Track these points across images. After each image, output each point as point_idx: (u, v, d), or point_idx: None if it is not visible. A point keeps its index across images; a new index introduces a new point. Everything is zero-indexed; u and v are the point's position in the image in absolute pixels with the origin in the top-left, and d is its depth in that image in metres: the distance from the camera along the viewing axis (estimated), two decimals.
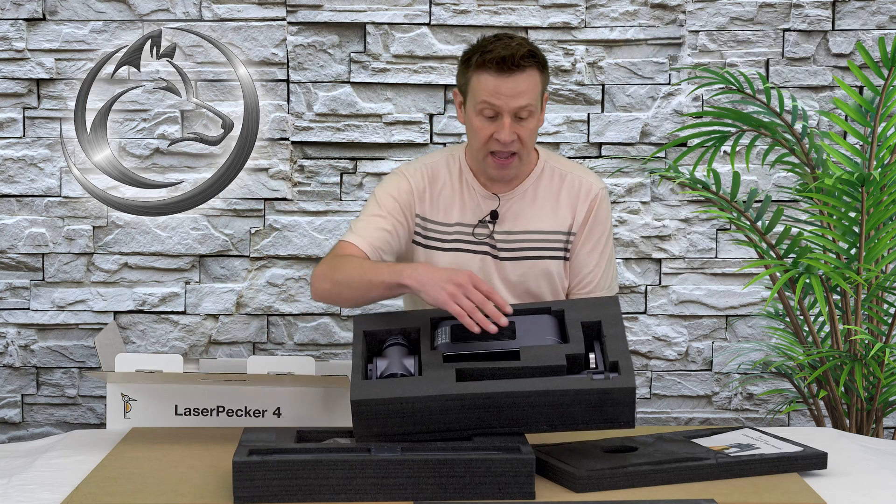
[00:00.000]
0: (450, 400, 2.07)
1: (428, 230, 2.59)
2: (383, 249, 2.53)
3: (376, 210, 2.56)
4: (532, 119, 2.46)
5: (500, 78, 2.41)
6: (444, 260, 2.56)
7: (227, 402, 2.47)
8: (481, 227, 2.57)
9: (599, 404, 2.08)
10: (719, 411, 3.61)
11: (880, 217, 2.88)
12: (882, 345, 2.85)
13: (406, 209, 2.57)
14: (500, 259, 2.57)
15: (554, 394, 2.08)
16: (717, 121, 3.20)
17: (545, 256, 2.57)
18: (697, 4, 3.47)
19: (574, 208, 2.59)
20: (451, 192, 2.59)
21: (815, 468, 2.15)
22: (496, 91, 2.42)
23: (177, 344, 3.54)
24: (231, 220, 3.51)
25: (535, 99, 2.45)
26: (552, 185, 2.60)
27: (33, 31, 3.43)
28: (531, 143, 2.50)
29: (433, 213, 2.59)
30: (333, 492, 1.95)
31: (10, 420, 3.56)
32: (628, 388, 2.08)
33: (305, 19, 3.44)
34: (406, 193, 2.57)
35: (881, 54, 2.92)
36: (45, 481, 2.10)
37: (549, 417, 2.09)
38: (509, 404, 2.08)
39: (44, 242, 3.49)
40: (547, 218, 2.58)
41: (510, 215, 2.57)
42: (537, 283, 2.58)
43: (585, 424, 2.10)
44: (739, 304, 3.57)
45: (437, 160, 2.63)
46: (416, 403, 2.07)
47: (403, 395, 2.08)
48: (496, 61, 2.41)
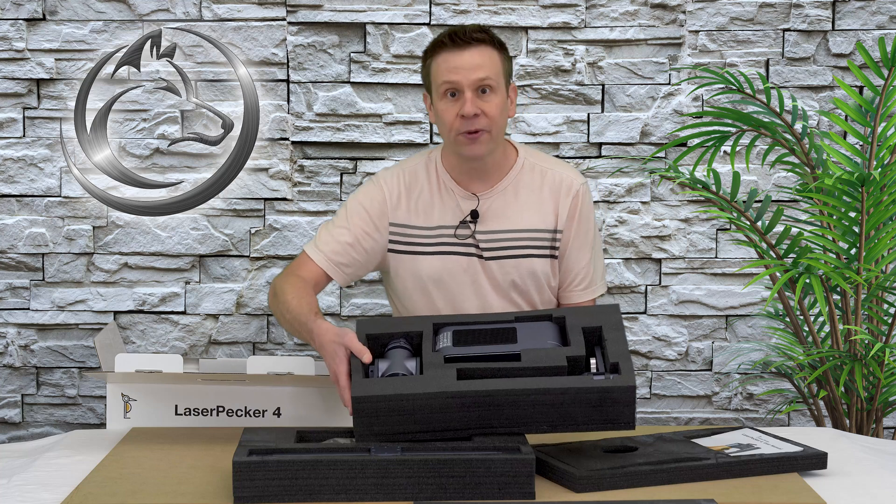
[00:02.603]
0: (450, 398, 2.08)
1: (407, 236, 2.59)
2: (344, 263, 2.58)
3: (343, 222, 2.59)
4: (494, 96, 2.47)
5: (454, 53, 2.46)
6: (429, 264, 2.57)
7: (227, 402, 2.47)
8: (463, 228, 2.57)
9: (599, 404, 2.09)
10: (719, 411, 3.61)
11: (880, 217, 2.88)
12: (882, 345, 2.85)
13: (377, 220, 2.58)
14: (484, 259, 2.57)
15: (554, 392, 2.08)
16: (717, 121, 3.20)
17: (530, 255, 2.57)
18: (697, 4, 3.47)
19: (557, 206, 2.58)
20: (429, 196, 2.59)
21: (815, 468, 2.15)
22: (453, 67, 2.45)
23: (177, 344, 3.54)
24: (231, 220, 3.52)
25: (496, 74, 2.47)
26: (533, 181, 2.60)
27: (33, 31, 3.43)
28: (501, 122, 2.50)
29: (412, 218, 2.59)
30: (333, 492, 1.95)
31: (10, 420, 3.56)
32: (628, 388, 2.09)
33: (305, 19, 3.45)
34: (378, 203, 2.59)
35: (881, 54, 2.92)
36: (45, 481, 2.10)
37: (549, 417, 2.09)
38: (510, 403, 2.08)
39: (44, 242, 3.49)
40: (529, 216, 2.58)
41: (491, 214, 2.57)
42: (523, 282, 2.58)
43: (586, 425, 2.11)
44: (739, 304, 3.57)
45: (415, 164, 2.63)
46: (416, 401, 2.07)
47: (404, 391, 2.09)
48: (449, 37, 2.48)
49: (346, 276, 2.60)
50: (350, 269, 2.59)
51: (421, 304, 2.60)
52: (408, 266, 2.59)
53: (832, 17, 3.47)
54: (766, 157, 3.26)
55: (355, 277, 2.63)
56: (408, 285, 2.60)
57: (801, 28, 3.47)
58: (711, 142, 3.14)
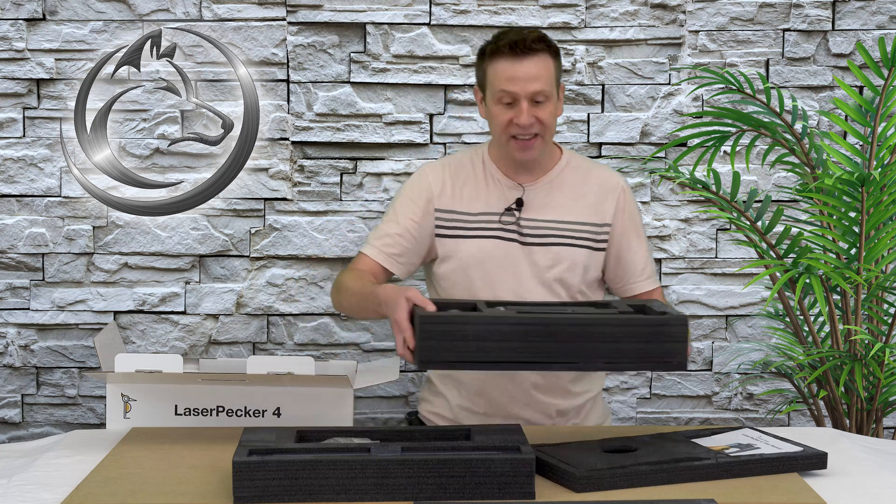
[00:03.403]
0: (512, 324, 2.16)
1: (452, 220, 2.68)
2: (396, 253, 2.68)
3: (391, 216, 2.71)
4: (548, 104, 2.57)
5: (513, 62, 2.53)
6: (471, 247, 2.66)
7: (227, 402, 2.47)
8: (507, 215, 2.66)
9: (654, 338, 2.18)
10: (719, 411, 3.61)
11: (880, 217, 2.88)
12: (882, 345, 2.85)
13: (423, 207, 2.69)
14: (526, 245, 2.65)
15: (612, 323, 2.18)
16: (717, 121, 3.20)
17: (571, 244, 2.66)
18: (697, 4, 3.46)
19: (602, 202, 2.69)
20: (474, 184, 2.69)
21: (815, 468, 2.15)
22: (512, 77, 2.53)
23: (177, 344, 3.54)
24: (231, 220, 3.52)
25: (550, 84, 2.56)
26: (576, 179, 2.71)
27: (33, 31, 3.43)
28: (552, 126, 2.60)
29: (457, 204, 2.69)
30: (333, 492, 1.95)
31: (10, 420, 3.56)
32: (681, 319, 2.19)
33: (305, 19, 3.44)
34: (424, 191, 2.70)
35: (881, 54, 2.92)
36: (45, 481, 2.10)
37: (604, 351, 2.18)
38: (567, 335, 2.17)
39: (44, 242, 3.49)
40: (573, 208, 2.68)
41: (536, 203, 2.67)
42: (561, 269, 2.66)
43: (639, 362, 2.21)
44: (739, 304, 3.57)
45: (461, 157, 2.75)
46: (479, 326, 2.16)
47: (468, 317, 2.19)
48: (508, 46, 2.54)
49: (401, 266, 2.69)
50: (403, 259, 2.68)
51: (459, 288, 2.68)
52: (450, 248, 2.68)
53: (832, 17, 3.47)
54: (766, 157, 3.26)
55: (411, 266, 2.72)
56: (449, 268, 2.69)
57: (801, 28, 3.47)
58: (711, 142, 3.14)
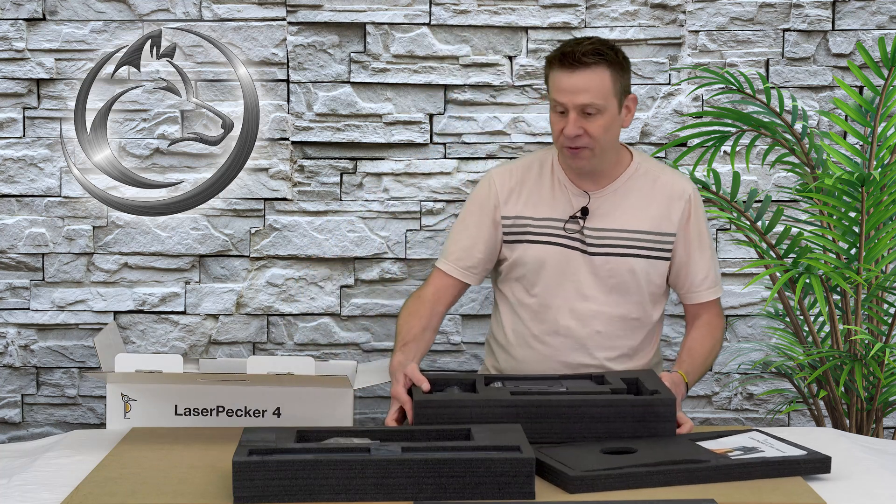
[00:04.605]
0: (504, 406, 2.24)
1: (518, 226, 2.72)
2: (470, 265, 2.74)
3: (461, 227, 2.77)
4: (600, 116, 2.57)
5: (564, 73, 2.56)
6: (534, 252, 2.69)
7: (227, 402, 2.47)
8: (572, 223, 2.68)
9: (643, 418, 2.25)
10: (719, 411, 3.60)
11: (880, 217, 2.88)
12: (882, 345, 2.85)
13: (490, 215, 2.74)
14: (588, 254, 2.67)
15: (601, 405, 2.26)
16: (717, 121, 3.20)
17: (632, 254, 2.67)
18: (697, 4, 3.46)
19: (668, 210, 2.70)
20: (541, 189, 2.72)
21: (817, 472, 2.14)
22: (561, 88, 2.57)
23: (177, 344, 3.54)
24: (231, 220, 3.52)
25: (603, 96, 2.56)
26: (644, 186, 2.71)
27: (33, 31, 3.43)
28: (605, 140, 2.60)
29: (522, 210, 2.72)
30: (333, 492, 1.95)
31: (10, 420, 3.56)
32: (670, 400, 2.28)
33: (305, 19, 3.44)
34: (491, 199, 2.74)
35: (881, 54, 2.92)
36: (45, 481, 2.10)
37: (596, 431, 2.25)
38: (559, 416, 2.25)
39: (44, 242, 3.49)
40: (637, 217, 2.68)
41: (601, 212, 2.68)
42: (623, 280, 2.68)
43: (630, 439, 2.25)
44: (739, 304, 3.57)
45: (530, 160, 2.77)
46: (473, 409, 2.24)
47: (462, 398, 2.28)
48: (559, 58, 2.58)
49: (477, 276, 2.77)
50: (477, 269, 2.75)
51: (519, 290, 2.73)
52: (515, 252, 2.72)
53: (832, 17, 3.47)
54: (766, 157, 3.26)
55: (485, 273, 2.79)
56: (513, 271, 2.73)
57: (801, 28, 3.47)
58: (711, 142, 3.15)
